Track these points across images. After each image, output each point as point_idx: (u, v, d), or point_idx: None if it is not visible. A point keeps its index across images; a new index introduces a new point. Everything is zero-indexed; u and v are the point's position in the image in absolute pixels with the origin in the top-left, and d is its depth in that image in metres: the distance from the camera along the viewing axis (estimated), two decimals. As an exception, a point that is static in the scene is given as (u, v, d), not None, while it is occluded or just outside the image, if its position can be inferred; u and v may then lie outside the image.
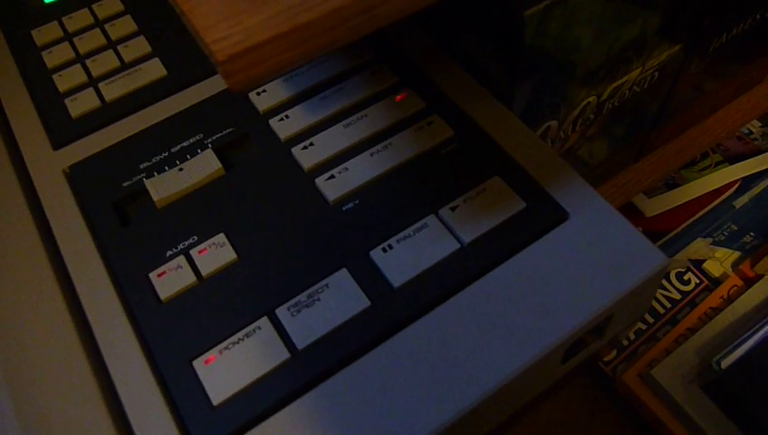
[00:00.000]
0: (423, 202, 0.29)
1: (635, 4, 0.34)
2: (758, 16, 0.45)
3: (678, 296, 0.58)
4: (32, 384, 0.25)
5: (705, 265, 0.59)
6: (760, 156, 0.63)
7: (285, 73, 0.34)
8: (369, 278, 0.27)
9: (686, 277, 0.59)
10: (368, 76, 0.34)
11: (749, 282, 0.57)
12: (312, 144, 0.32)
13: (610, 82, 0.38)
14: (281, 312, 0.27)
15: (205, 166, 0.31)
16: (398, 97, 0.30)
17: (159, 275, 0.28)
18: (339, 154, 0.31)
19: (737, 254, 0.59)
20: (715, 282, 0.58)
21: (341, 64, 0.35)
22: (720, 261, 0.59)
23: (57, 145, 0.33)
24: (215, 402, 0.25)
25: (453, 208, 0.29)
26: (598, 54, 0.35)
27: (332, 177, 0.31)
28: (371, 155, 0.31)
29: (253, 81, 0.20)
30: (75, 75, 0.36)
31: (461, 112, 0.33)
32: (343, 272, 0.28)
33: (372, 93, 0.34)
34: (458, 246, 0.28)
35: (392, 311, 0.27)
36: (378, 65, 0.35)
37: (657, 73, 0.42)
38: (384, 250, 0.28)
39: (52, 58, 0.37)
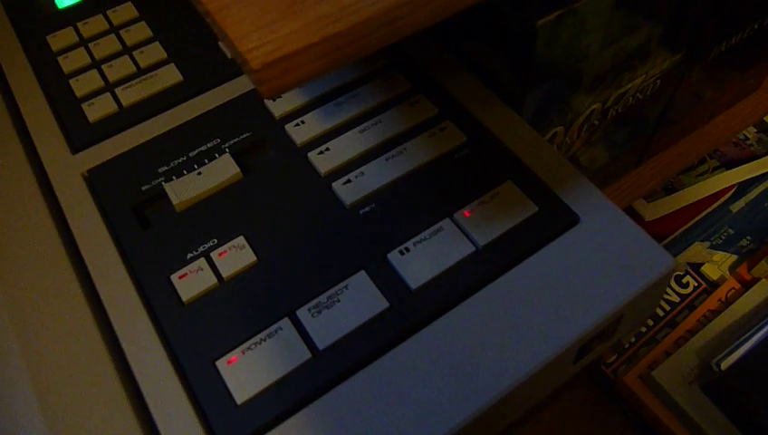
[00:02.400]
0: (438, 206, 0.30)
1: (640, 13, 0.35)
2: (756, 26, 0.47)
3: (677, 299, 0.59)
4: (57, 387, 0.26)
5: (703, 268, 0.60)
6: (756, 161, 0.64)
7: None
8: (387, 280, 0.28)
9: (684, 280, 0.60)
10: (381, 83, 0.35)
11: (746, 285, 0.58)
12: (327, 149, 0.32)
13: (615, 89, 0.39)
14: (302, 313, 0.27)
15: (223, 170, 0.32)
16: None
17: (181, 278, 0.29)
18: (355, 159, 0.32)
19: (734, 257, 0.60)
20: (713, 285, 0.59)
21: (355, 71, 0.36)
22: (718, 264, 0.60)
23: (75, 149, 0.34)
24: (238, 401, 0.25)
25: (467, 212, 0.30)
26: (604, 62, 0.36)
27: (349, 181, 0.31)
28: (386, 160, 0.32)
29: (284, 88, 0.21)
30: (92, 80, 0.36)
31: (473, 118, 0.33)
32: (362, 274, 0.28)
33: (386, 100, 0.34)
34: (473, 249, 0.29)
35: (410, 312, 0.27)
36: (391, 72, 0.36)
37: (659, 81, 0.43)
38: (401, 253, 0.29)
39: (68, 63, 0.37)
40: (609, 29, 0.34)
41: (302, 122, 0.34)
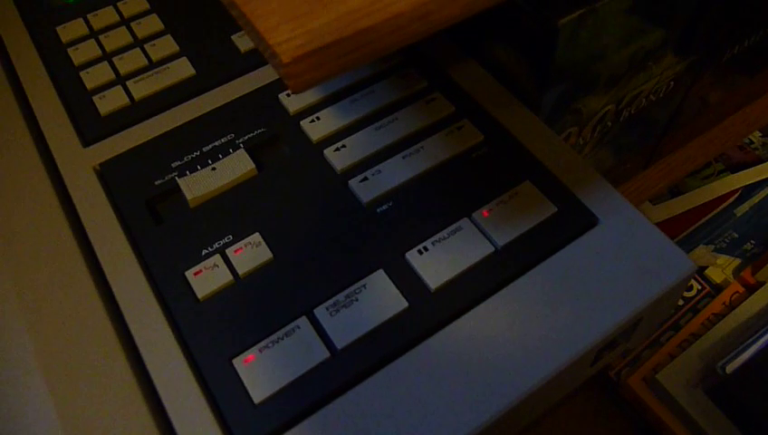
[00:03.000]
0: (456, 205, 0.30)
1: (657, 15, 0.35)
2: (768, 29, 0.47)
3: (681, 302, 0.59)
4: (71, 386, 0.25)
5: (707, 271, 0.60)
6: (760, 165, 0.64)
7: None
8: (406, 280, 0.28)
9: (688, 283, 0.60)
10: (397, 80, 0.35)
11: (750, 289, 0.58)
12: (344, 146, 0.32)
13: (630, 90, 0.39)
14: (319, 311, 0.27)
15: (238, 166, 0.31)
16: None
17: (196, 274, 0.28)
18: (371, 156, 0.32)
19: (738, 261, 0.60)
20: (717, 288, 0.59)
21: (371, 68, 0.35)
22: (722, 268, 0.60)
23: (87, 142, 0.33)
24: (256, 401, 0.25)
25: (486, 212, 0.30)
26: (621, 63, 0.36)
27: (366, 179, 0.31)
28: (403, 158, 0.32)
29: (313, 82, 0.20)
30: (103, 73, 0.36)
31: (490, 117, 0.33)
32: (380, 273, 0.28)
33: (402, 97, 0.34)
34: (493, 249, 0.29)
35: (430, 312, 0.27)
36: (406, 69, 0.35)
37: (672, 83, 0.43)
38: (420, 252, 0.28)
39: (78, 55, 0.37)
40: (627, 30, 0.34)
41: (318, 119, 0.33)
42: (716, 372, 0.51)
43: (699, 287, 0.60)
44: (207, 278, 0.28)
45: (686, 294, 0.60)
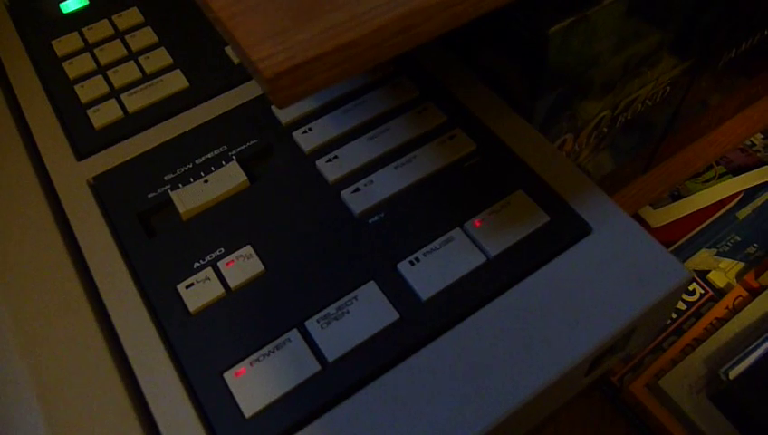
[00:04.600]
0: (448, 215, 0.30)
1: (651, 20, 0.35)
2: (766, 32, 0.46)
3: (684, 307, 0.58)
4: (62, 400, 0.25)
5: (709, 275, 0.60)
6: (762, 167, 0.64)
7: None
8: (398, 291, 0.28)
9: (690, 288, 0.60)
10: (389, 90, 0.35)
11: (754, 293, 0.57)
12: (336, 157, 0.32)
13: (626, 95, 0.39)
14: (310, 324, 0.27)
15: (230, 178, 0.31)
16: None
17: (187, 287, 0.28)
18: (363, 167, 0.32)
19: (741, 264, 0.60)
20: (720, 292, 0.59)
21: (363, 78, 0.35)
22: (724, 272, 0.60)
23: (81, 156, 0.33)
24: (247, 415, 0.25)
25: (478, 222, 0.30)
26: (615, 69, 0.36)
27: (358, 189, 0.31)
28: (396, 168, 0.31)
29: (297, 97, 0.20)
30: (97, 86, 0.36)
31: (482, 126, 0.33)
32: (371, 285, 0.28)
33: (394, 107, 0.34)
34: (484, 259, 0.28)
35: (421, 324, 0.27)
36: (398, 79, 0.35)
37: (668, 87, 0.42)
38: (411, 263, 0.28)
39: (73, 69, 0.37)
40: (620, 36, 0.34)
41: (310, 129, 0.33)
42: (720, 377, 0.51)
43: (702, 292, 0.59)
44: (199, 291, 0.28)
45: (690, 299, 0.60)
